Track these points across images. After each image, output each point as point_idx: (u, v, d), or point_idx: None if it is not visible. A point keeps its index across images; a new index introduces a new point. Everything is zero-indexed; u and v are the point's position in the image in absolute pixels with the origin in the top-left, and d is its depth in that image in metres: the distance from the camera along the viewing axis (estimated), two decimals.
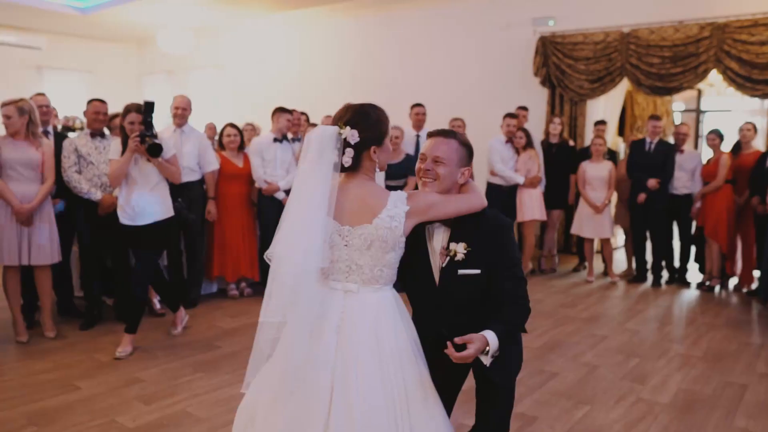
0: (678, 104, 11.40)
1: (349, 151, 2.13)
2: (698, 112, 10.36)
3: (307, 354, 2.09)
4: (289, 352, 2.10)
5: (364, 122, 2.17)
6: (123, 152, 4.31)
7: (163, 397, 3.70)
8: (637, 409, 3.64)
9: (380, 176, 2.33)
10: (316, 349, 2.09)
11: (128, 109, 4.38)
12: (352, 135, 2.13)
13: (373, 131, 2.18)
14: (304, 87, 10.72)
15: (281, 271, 2.10)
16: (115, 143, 4.45)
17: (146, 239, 4.43)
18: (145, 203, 4.37)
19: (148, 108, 4.31)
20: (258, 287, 6.34)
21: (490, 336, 2.14)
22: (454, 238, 2.27)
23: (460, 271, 2.25)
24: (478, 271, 2.25)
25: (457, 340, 2.10)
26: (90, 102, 5.08)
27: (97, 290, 5.22)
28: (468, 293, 2.28)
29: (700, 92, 9.68)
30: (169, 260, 5.33)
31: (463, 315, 2.29)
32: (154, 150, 4.26)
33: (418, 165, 2.34)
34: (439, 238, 2.31)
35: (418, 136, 6.95)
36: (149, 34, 12.04)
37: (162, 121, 6.55)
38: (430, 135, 2.35)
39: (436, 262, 2.30)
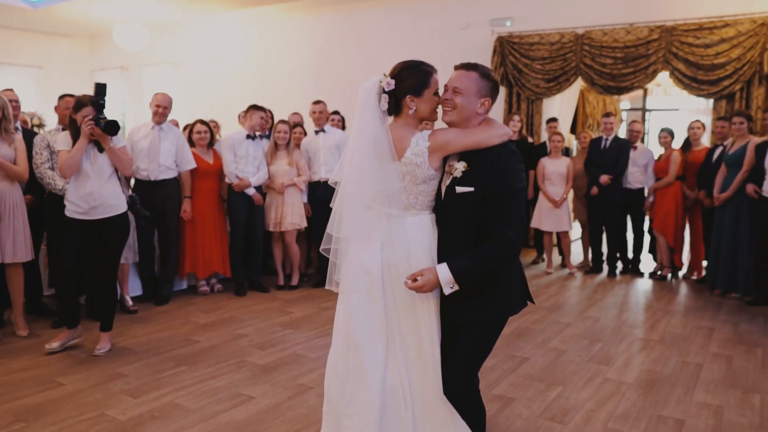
0: (624, 103, 11.91)
1: (385, 97, 2.47)
2: (644, 110, 10.85)
3: (360, 265, 2.50)
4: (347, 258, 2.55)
5: (403, 73, 2.47)
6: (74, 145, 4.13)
7: (149, 390, 3.75)
8: (605, 389, 3.88)
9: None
10: (367, 261, 2.49)
11: (82, 103, 4.15)
12: (389, 84, 2.46)
13: (409, 81, 2.45)
14: (263, 85, 10.73)
15: (339, 197, 2.54)
16: (63, 135, 4.25)
17: (107, 234, 4.27)
18: (104, 196, 4.21)
19: (99, 90, 4.17)
20: (228, 283, 6.39)
21: (441, 270, 2.33)
22: (461, 157, 2.44)
23: (458, 189, 2.41)
24: (471, 189, 2.37)
25: (408, 276, 2.37)
26: (61, 97, 5.05)
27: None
28: (463, 213, 2.41)
29: (645, 91, 10.13)
30: (102, 263, 4.51)
31: (461, 237, 2.42)
32: (111, 127, 4.07)
33: (441, 96, 2.50)
34: (454, 157, 2.48)
35: None
36: (102, 29, 11.83)
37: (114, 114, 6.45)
38: (455, 68, 2.50)
39: (446, 181, 2.50)
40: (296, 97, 9.67)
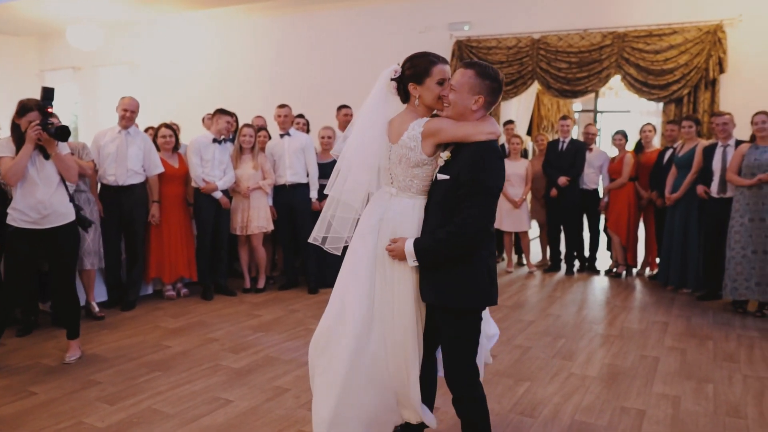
0: (576, 105, 12.26)
1: (392, 84, 2.73)
2: (595, 112, 11.20)
3: (359, 233, 2.74)
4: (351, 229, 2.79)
5: (409, 62, 2.69)
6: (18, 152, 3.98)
7: (126, 397, 3.75)
8: (570, 383, 4.06)
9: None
10: (365, 231, 2.72)
11: (27, 107, 3.99)
12: (395, 71, 2.71)
13: (413, 70, 2.66)
14: (222, 87, 10.67)
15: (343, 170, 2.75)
16: (5, 140, 4.07)
17: (61, 243, 4.14)
18: (54, 204, 4.07)
19: (47, 94, 4.04)
20: (194, 287, 6.37)
21: (408, 243, 2.58)
22: (446, 147, 2.62)
23: (438, 176, 2.59)
24: (447, 177, 2.55)
25: (391, 239, 2.64)
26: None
27: (33, 296, 5.10)
28: (439, 199, 2.60)
29: (597, 93, 10.46)
30: (59, 272, 4.32)
31: (433, 221, 2.60)
32: (62, 133, 3.96)
33: (442, 90, 2.66)
34: (444, 147, 2.66)
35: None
36: (53, 28, 11.55)
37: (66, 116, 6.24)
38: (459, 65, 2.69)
39: (435, 168, 2.68)
40: (255, 99, 9.66)
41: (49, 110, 4.05)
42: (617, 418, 3.54)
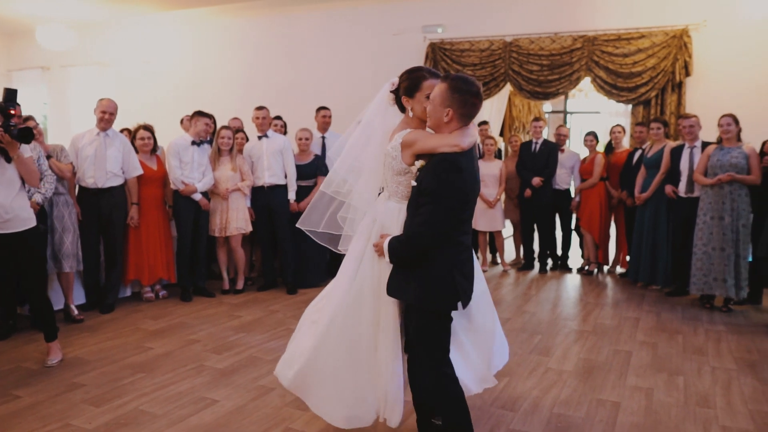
0: (546, 106, 12.49)
1: (390, 95, 2.93)
2: (565, 113, 11.43)
3: (358, 232, 3.00)
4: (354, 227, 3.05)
5: (405, 75, 2.86)
6: None
7: (112, 398, 3.76)
8: (548, 378, 4.19)
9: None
10: (362, 230, 2.98)
11: None
12: (394, 83, 2.91)
13: (405, 83, 2.85)
14: (195, 88, 10.64)
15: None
16: None
17: (26, 248, 4.09)
18: (15, 209, 4.00)
19: (9, 96, 3.97)
20: (172, 289, 6.37)
21: (386, 241, 2.78)
22: (420, 157, 2.79)
23: (412, 182, 2.77)
24: (414, 184, 2.75)
25: (381, 234, 2.86)
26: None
27: (10, 299, 5.05)
28: (410, 204, 2.79)
29: (566, 95, 10.69)
30: (26, 276, 4.28)
31: (406, 223, 2.81)
32: (25, 135, 3.84)
33: None
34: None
35: (323, 137, 7.20)
36: (22, 27, 11.37)
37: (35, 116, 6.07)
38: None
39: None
40: (229, 101, 9.66)
41: (12, 111, 3.94)
42: (594, 410, 3.68)
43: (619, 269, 7.58)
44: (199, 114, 6.12)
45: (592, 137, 7.40)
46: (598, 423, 3.51)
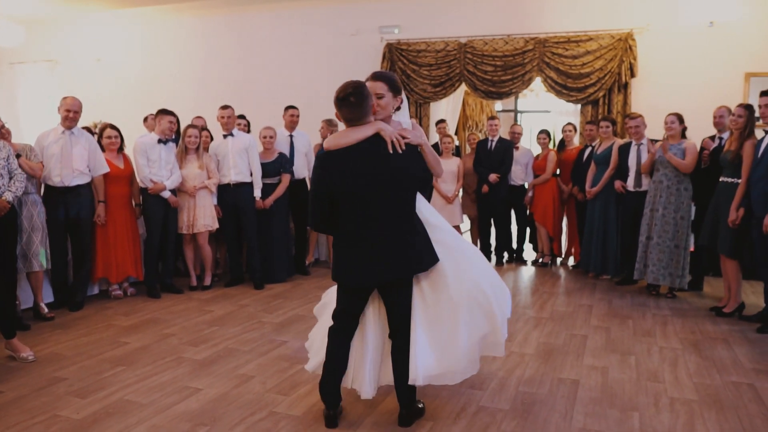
0: (497, 105, 12.88)
1: None
2: (516, 112, 11.84)
3: None
4: None
5: None
6: None
7: (95, 390, 3.85)
8: (512, 360, 4.47)
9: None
10: None
11: None
12: None
13: None
14: (150, 86, 10.58)
15: None
16: None
17: None
18: None
19: None
20: (140, 286, 6.42)
21: None
22: None
23: None
24: None
25: None
26: None
27: None
28: None
29: (517, 95, 11.07)
30: None
31: None
32: None
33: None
34: None
35: (291, 136, 7.34)
36: None
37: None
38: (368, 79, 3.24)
39: None
40: (185, 99, 9.60)
41: None
42: (555, 387, 3.97)
43: (571, 261, 7.96)
44: (164, 112, 6.19)
45: (544, 135, 7.76)
46: (561, 398, 3.80)
